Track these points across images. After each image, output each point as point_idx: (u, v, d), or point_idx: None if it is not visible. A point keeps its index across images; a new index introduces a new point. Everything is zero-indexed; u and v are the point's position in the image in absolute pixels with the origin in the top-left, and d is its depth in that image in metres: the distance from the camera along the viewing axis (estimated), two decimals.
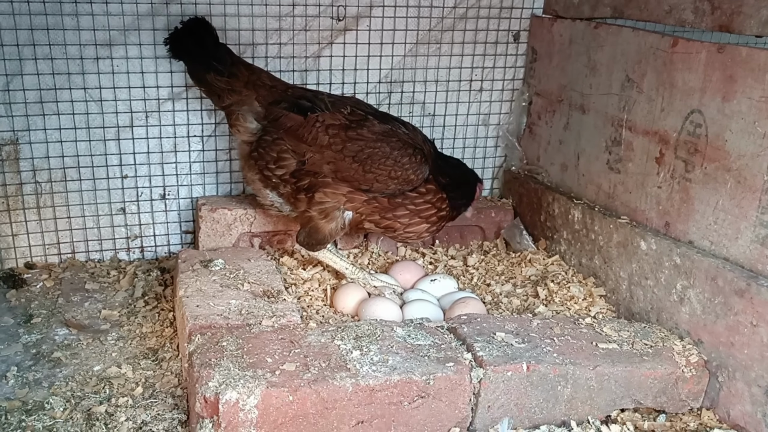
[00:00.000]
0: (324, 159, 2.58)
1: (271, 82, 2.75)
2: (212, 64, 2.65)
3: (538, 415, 2.10)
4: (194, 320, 2.21)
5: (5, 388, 2.17)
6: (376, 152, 2.55)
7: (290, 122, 2.61)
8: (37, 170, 2.88)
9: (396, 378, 1.94)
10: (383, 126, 2.62)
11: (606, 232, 2.70)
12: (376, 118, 2.66)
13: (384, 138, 2.59)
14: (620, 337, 2.27)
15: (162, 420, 2.04)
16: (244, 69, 2.71)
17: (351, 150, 2.56)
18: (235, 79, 2.67)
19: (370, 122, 2.61)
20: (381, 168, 2.55)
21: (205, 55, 2.66)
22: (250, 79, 2.69)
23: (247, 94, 2.67)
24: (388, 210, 2.64)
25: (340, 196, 2.61)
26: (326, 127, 2.58)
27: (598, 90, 2.82)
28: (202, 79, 2.71)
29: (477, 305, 2.62)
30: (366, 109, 2.71)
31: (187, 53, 2.70)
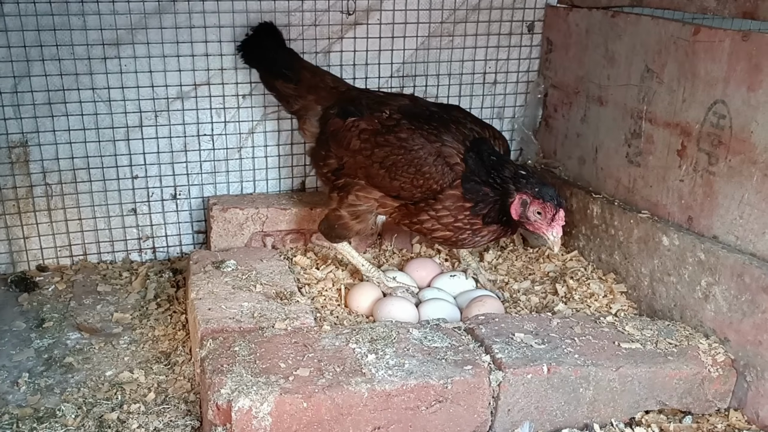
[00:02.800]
0: (357, 164, 2.57)
1: (333, 83, 2.79)
2: (281, 72, 2.74)
3: (559, 418, 2.04)
4: (206, 324, 2.17)
5: (17, 395, 2.15)
6: (399, 159, 2.49)
7: (333, 127, 2.64)
8: (47, 172, 2.85)
9: (413, 382, 1.88)
10: (412, 132, 2.51)
11: (626, 228, 2.63)
12: (417, 120, 2.53)
13: (407, 144, 2.50)
14: (643, 336, 2.20)
15: (175, 427, 2.00)
16: (308, 73, 2.77)
17: (378, 156, 2.52)
18: (301, 84, 2.73)
19: (400, 128, 2.53)
20: (404, 176, 2.48)
21: (274, 62, 2.76)
22: (312, 82, 2.74)
23: (311, 98, 2.73)
24: (414, 215, 2.54)
25: (373, 200, 2.59)
26: (359, 132, 2.57)
27: (617, 81, 2.74)
28: (273, 86, 2.80)
29: (495, 304, 2.56)
30: (414, 109, 2.61)
31: (257, 61, 2.82)
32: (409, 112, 2.59)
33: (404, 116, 2.56)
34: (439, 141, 2.47)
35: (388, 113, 2.58)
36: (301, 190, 3.21)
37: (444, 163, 2.46)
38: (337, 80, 2.83)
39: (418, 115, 2.57)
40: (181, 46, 2.84)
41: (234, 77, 2.94)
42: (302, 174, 3.20)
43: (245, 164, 3.09)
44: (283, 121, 3.08)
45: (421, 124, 2.53)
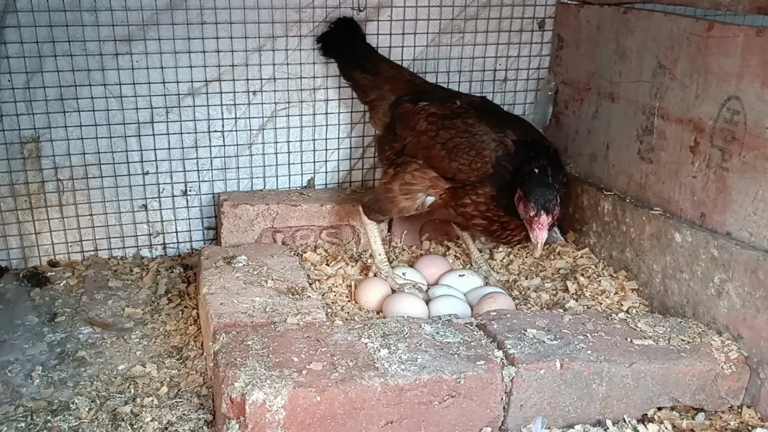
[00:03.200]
0: (419, 144, 2.66)
1: (410, 76, 2.92)
2: (360, 63, 2.86)
3: (572, 414, 2.03)
4: (218, 318, 2.17)
5: (31, 388, 2.16)
6: (462, 141, 2.57)
7: (402, 110, 2.75)
8: (58, 168, 2.86)
9: (425, 377, 1.88)
10: (479, 120, 2.62)
11: (638, 224, 2.62)
12: (485, 113, 2.65)
13: (472, 129, 2.60)
14: (656, 333, 2.20)
15: (188, 420, 2.01)
16: (386, 65, 2.90)
17: (442, 137, 2.61)
18: (378, 76, 2.84)
19: (468, 115, 2.63)
20: (464, 157, 2.56)
21: (353, 54, 2.89)
22: (390, 74, 2.86)
23: (386, 89, 2.83)
24: (460, 197, 2.62)
25: (426, 180, 2.65)
26: (428, 114, 2.68)
27: (628, 77, 2.73)
28: (350, 76, 2.93)
29: (505, 300, 2.56)
30: (483, 105, 2.74)
31: (336, 53, 2.94)
32: (478, 106, 2.72)
33: (473, 108, 2.68)
34: (503, 132, 2.56)
35: (459, 103, 2.70)
36: (311, 187, 3.21)
37: (503, 149, 2.54)
38: (413, 74, 2.96)
39: (486, 110, 2.71)
40: (193, 43, 2.84)
41: (245, 73, 2.95)
42: (312, 171, 3.20)
43: (255, 160, 3.10)
44: (293, 117, 3.08)
45: (488, 116, 2.64)
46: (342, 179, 3.26)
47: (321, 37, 2.95)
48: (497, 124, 2.60)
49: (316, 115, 3.10)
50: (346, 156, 3.22)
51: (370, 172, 3.27)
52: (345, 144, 3.20)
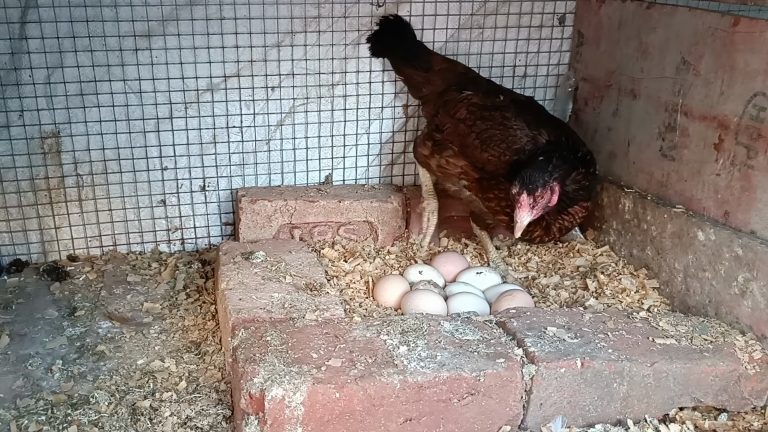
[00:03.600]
0: (456, 132, 2.73)
1: (464, 70, 2.97)
2: (412, 60, 2.92)
3: (592, 413, 2.01)
4: (237, 314, 2.17)
5: (51, 381, 2.17)
6: (496, 134, 2.62)
7: (447, 97, 2.82)
8: (78, 163, 2.87)
9: (445, 374, 1.87)
10: (517, 115, 2.65)
11: (659, 222, 2.59)
12: (525, 110, 2.69)
13: (508, 123, 2.63)
14: (678, 332, 2.17)
15: (206, 415, 2.01)
16: (440, 60, 2.95)
17: (479, 127, 2.66)
18: (431, 71, 2.90)
19: (507, 109, 2.68)
20: (496, 149, 2.60)
21: (404, 52, 2.94)
22: (442, 67, 2.91)
23: (438, 83, 2.88)
24: (486, 190, 2.67)
25: (459, 168, 2.74)
26: (470, 104, 2.74)
27: (651, 74, 2.70)
28: (402, 73, 3.00)
29: (524, 298, 2.54)
30: (526, 103, 2.80)
31: (387, 52, 3.00)
32: (521, 103, 2.76)
33: (515, 104, 2.72)
34: (537, 131, 2.59)
35: (502, 98, 2.76)
36: (328, 183, 3.20)
37: (533, 144, 2.57)
38: (467, 68, 3.00)
39: (528, 108, 2.75)
40: (212, 38, 2.84)
41: (263, 69, 2.94)
42: (330, 167, 3.19)
43: (273, 156, 3.10)
44: (312, 113, 3.08)
45: (528, 114, 2.67)
46: (360, 176, 3.25)
47: (370, 37, 2.99)
48: (535, 122, 2.62)
49: (334, 111, 3.10)
50: (364, 152, 3.21)
51: (389, 168, 3.26)
52: (363, 140, 3.19)
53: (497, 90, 2.87)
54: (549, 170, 2.40)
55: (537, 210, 2.41)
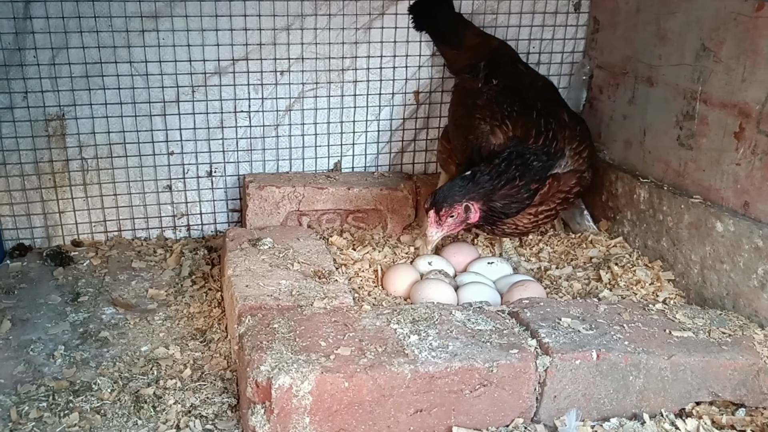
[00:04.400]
0: (450, 116, 2.85)
1: (498, 45, 2.93)
2: (445, 37, 2.90)
3: (607, 406, 1.96)
4: (244, 301, 2.13)
5: (53, 368, 2.13)
6: (464, 124, 2.62)
7: (458, 79, 2.92)
8: (83, 146, 2.83)
9: (457, 365, 1.82)
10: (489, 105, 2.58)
11: (676, 213, 2.53)
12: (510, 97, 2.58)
13: (477, 113, 2.56)
14: (695, 325, 2.11)
15: (211, 404, 1.96)
16: (472, 35, 2.91)
17: (457, 114, 2.73)
18: (462, 48, 2.88)
19: (483, 98, 2.63)
20: (460, 139, 2.59)
21: (437, 28, 2.92)
22: (474, 43, 2.89)
23: (468, 58, 2.85)
24: None
25: (447, 150, 2.80)
26: (461, 89, 2.82)
27: (669, 61, 2.63)
28: (438, 48, 3.00)
29: (536, 288, 2.49)
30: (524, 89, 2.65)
31: (424, 27, 2.96)
32: (514, 89, 2.63)
33: (506, 91, 2.62)
34: (506, 125, 2.48)
35: (495, 82, 2.68)
36: (337, 170, 3.15)
37: (498, 129, 2.49)
38: (502, 43, 2.95)
39: (522, 94, 2.60)
40: (220, 20, 2.79)
41: (272, 52, 2.89)
42: (339, 154, 3.14)
43: (282, 142, 3.04)
44: (321, 99, 3.02)
45: (504, 104, 2.55)
46: (369, 163, 3.19)
47: (412, 7, 2.94)
48: (510, 115, 2.49)
49: (344, 96, 3.04)
50: (374, 139, 3.15)
51: (399, 156, 3.20)
52: (373, 127, 3.13)
53: (512, 70, 2.78)
54: (465, 188, 2.30)
55: (449, 227, 2.36)
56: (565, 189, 2.52)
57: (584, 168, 2.55)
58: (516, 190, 2.36)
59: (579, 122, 2.65)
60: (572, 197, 2.58)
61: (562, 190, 2.51)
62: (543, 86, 2.80)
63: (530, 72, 2.88)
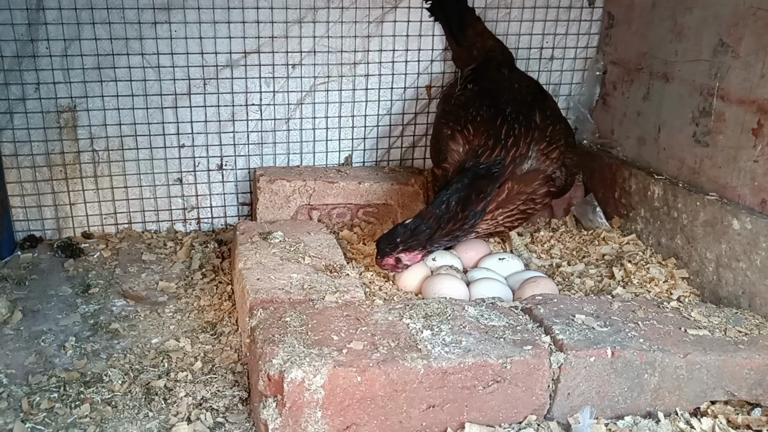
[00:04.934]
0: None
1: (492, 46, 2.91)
2: (451, 30, 2.93)
3: (621, 404, 1.94)
4: (255, 294, 2.11)
5: (64, 359, 2.12)
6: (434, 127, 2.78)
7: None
8: (94, 138, 2.82)
9: (470, 360, 1.80)
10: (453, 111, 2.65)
11: (691, 210, 2.50)
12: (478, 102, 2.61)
13: (442, 118, 2.69)
14: (711, 323, 2.09)
15: (222, 397, 1.95)
16: (473, 33, 2.90)
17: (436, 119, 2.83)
18: (462, 45, 2.92)
19: (448, 102, 2.74)
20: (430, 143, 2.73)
21: (446, 22, 2.95)
22: (471, 43, 2.90)
23: (463, 60, 2.91)
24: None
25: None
26: (443, 95, 2.95)
27: (685, 56, 2.60)
28: (449, 41, 3.01)
29: (549, 285, 2.46)
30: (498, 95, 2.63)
31: (438, 15, 2.97)
32: (488, 94, 2.63)
33: (480, 94, 2.65)
34: (465, 129, 2.52)
35: (470, 86, 2.72)
36: (348, 165, 3.13)
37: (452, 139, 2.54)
38: (497, 45, 2.92)
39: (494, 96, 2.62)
40: (232, 12, 2.77)
41: (284, 46, 2.87)
42: (350, 148, 3.12)
43: (293, 136, 3.03)
44: (332, 92, 3.00)
45: (471, 108, 2.59)
46: (380, 158, 3.18)
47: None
48: (474, 120, 2.52)
49: (355, 90, 3.02)
50: (385, 134, 3.14)
51: (410, 150, 3.19)
52: (384, 121, 3.11)
53: (497, 77, 2.75)
54: (402, 238, 2.36)
55: (398, 269, 2.44)
56: (527, 190, 2.49)
57: (552, 168, 2.49)
58: (460, 224, 2.40)
59: (555, 123, 2.57)
60: (538, 198, 2.52)
61: (524, 191, 2.49)
62: (521, 88, 2.71)
63: (513, 75, 2.81)
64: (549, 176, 2.50)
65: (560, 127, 2.59)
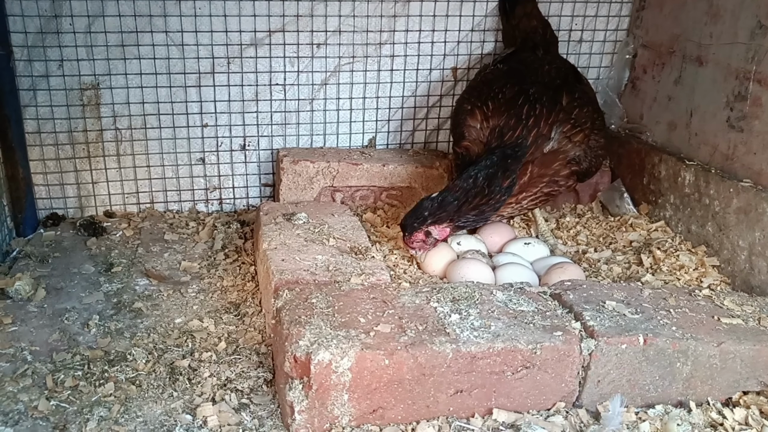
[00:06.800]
0: None
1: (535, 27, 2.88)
2: (504, 9, 2.93)
3: (652, 393, 1.90)
4: (280, 275, 2.09)
5: (87, 337, 2.11)
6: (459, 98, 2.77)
7: None
8: (117, 116, 2.80)
9: (500, 345, 1.77)
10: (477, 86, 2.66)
11: (724, 197, 2.45)
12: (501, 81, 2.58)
13: (464, 94, 2.70)
14: (744, 312, 2.04)
15: (247, 378, 1.94)
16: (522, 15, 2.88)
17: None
18: (509, 23, 2.93)
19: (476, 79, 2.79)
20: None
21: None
22: (515, 23, 2.89)
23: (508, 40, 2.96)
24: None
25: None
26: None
27: (720, 39, 2.54)
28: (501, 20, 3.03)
29: (576, 271, 2.42)
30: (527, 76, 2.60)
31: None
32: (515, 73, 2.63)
33: (507, 73, 2.64)
34: (484, 105, 2.50)
35: (500, 65, 2.74)
36: (372, 147, 3.09)
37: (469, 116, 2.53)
38: (540, 24, 2.89)
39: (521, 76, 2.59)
40: None
41: (309, 24, 2.83)
42: (374, 130, 3.08)
43: (316, 117, 2.99)
44: (357, 73, 2.96)
45: (494, 86, 2.56)
46: (404, 140, 3.13)
47: None
48: (495, 98, 2.49)
49: (381, 71, 2.98)
50: (409, 116, 3.09)
51: (434, 133, 3.14)
52: (409, 103, 3.07)
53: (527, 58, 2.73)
54: (429, 211, 2.32)
55: (427, 246, 2.41)
56: (549, 172, 2.45)
57: (575, 152, 2.45)
58: (486, 199, 2.36)
59: (583, 106, 2.52)
60: (561, 179, 2.48)
61: (545, 173, 2.45)
62: (552, 70, 2.65)
63: (547, 57, 2.76)
64: (572, 158, 2.46)
65: (588, 110, 2.54)
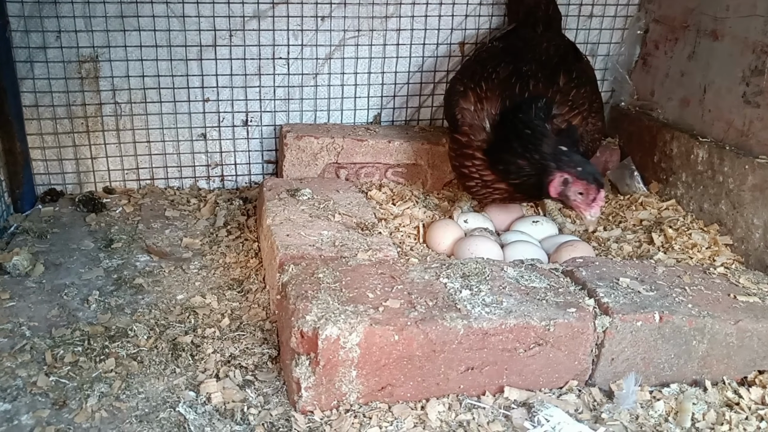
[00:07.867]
0: None
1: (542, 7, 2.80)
2: None
3: (666, 371, 1.85)
4: (285, 250, 2.03)
5: (87, 313, 2.06)
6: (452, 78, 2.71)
7: None
8: (116, 90, 2.73)
9: (512, 322, 1.72)
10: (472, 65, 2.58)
11: (739, 174, 2.39)
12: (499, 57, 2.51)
13: (461, 70, 2.66)
14: (761, 291, 1.99)
15: (251, 354, 1.89)
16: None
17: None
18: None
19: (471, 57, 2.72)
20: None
21: None
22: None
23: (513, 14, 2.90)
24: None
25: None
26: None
27: (737, 12, 2.47)
28: None
29: (586, 249, 2.38)
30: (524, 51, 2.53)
31: None
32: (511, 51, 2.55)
33: (503, 51, 2.56)
34: (477, 86, 2.40)
35: (496, 43, 2.68)
36: (377, 123, 3.03)
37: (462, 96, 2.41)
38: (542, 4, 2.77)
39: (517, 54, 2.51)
40: None
41: None
42: (378, 105, 3.02)
43: (320, 92, 2.93)
44: (362, 47, 2.89)
45: (488, 65, 2.47)
46: (410, 117, 3.07)
47: None
48: (489, 78, 2.41)
49: (386, 45, 2.91)
50: (415, 92, 3.02)
51: (441, 110, 3.07)
52: (415, 79, 3.00)
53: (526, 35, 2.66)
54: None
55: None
56: None
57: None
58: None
59: (580, 86, 2.43)
60: None
61: None
62: (550, 47, 2.57)
63: (546, 35, 2.67)
64: None
65: (585, 90, 2.46)
